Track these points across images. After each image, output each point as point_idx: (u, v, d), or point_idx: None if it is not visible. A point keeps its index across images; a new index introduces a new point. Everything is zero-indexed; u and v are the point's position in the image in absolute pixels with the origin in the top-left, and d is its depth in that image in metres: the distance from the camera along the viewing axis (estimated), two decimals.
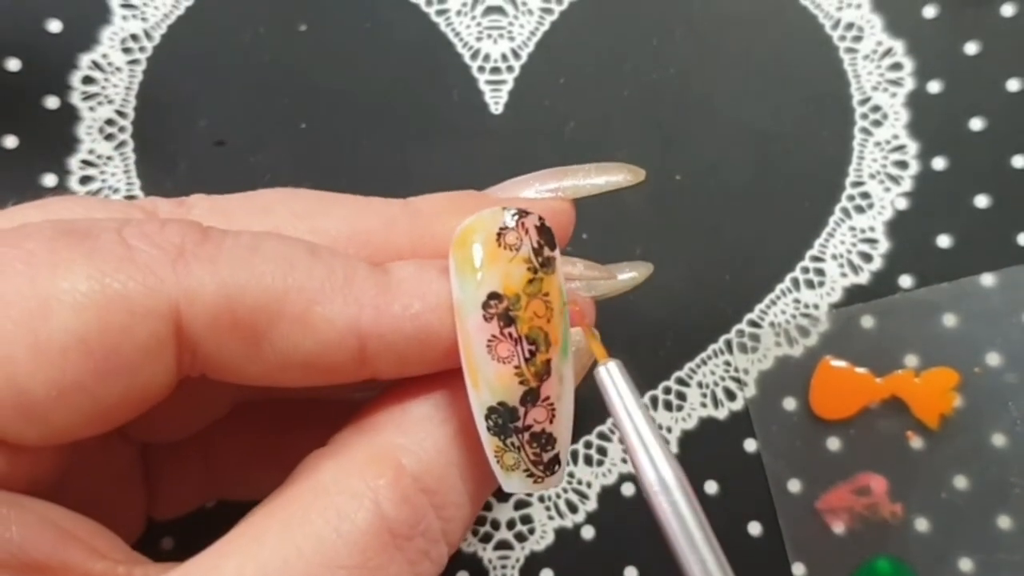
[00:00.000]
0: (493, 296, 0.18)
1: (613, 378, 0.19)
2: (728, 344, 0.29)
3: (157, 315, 0.16)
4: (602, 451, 0.29)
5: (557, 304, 0.18)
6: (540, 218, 0.18)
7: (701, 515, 0.18)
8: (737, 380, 0.29)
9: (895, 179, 0.30)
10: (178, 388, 0.20)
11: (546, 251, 0.18)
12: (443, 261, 0.19)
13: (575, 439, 0.29)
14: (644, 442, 0.19)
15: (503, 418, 0.18)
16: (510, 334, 0.18)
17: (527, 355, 0.18)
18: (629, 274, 0.23)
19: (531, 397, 0.18)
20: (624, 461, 0.29)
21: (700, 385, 0.29)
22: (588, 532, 0.29)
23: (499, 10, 0.30)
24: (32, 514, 0.17)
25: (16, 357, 0.16)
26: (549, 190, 0.21)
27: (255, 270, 0.17)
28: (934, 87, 0.30)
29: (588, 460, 0.29)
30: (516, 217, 0.18)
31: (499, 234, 0.18)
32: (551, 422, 0.18)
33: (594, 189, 0.21)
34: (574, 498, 0.29)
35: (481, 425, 0.18)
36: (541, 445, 0.18)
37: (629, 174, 0.22)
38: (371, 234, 0.20)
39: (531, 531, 0.29)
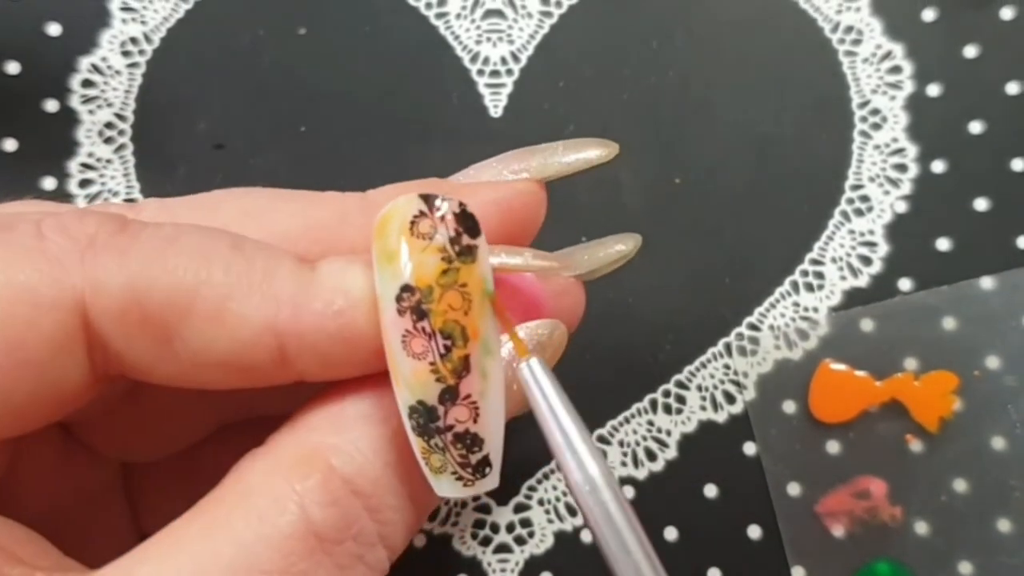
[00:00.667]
0: (405, 288, 0.17)
1: (535, 375, 0.18)
2: (727, 347, 0.29)
3: (62, 307, 0.16)
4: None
5: (477, 296, 0.17)
6: (460, 204, 0.17)
7: (632, 515, 0.17)
8: (736, 383, 0.29)
9: (894, 182, 0.30)
10: (152, 407, 0.20)
11: (465, 239, 0.17)
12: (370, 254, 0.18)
13: None
14: (569, 440, 0.17)
15: (423, 417, 0.17)
16: (423, 328, 0.17)
17: (442, 351, 0.17)
18: (617, 247, 0.21)
19: (449, 395, 0.17)
20: (623, 464, 0.29)
21: (699, 388, 0.29)
22: (588, 536, 0.29)
23: (498, 13, 0.30)
24: None
25: None
26: (514, 171, 0.20)
27: (167, 263, 0.16)
28: (933, 90, 0.30)
29: None
30: (431, 204, 0.17)
31: (412, 222, 0.17)
32: (475, 422, 0.17)
33: (564, 168, 0.20)
34: (573, 502, 0.29)
35: (407, 425, 0.17)
36: (467, 446, 0.17)
37: (602, 149, 0.20)
38: (324, 230, 0.19)
39: (531, 534, 0.29)
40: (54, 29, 0.30)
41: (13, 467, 0.19)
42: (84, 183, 0.30)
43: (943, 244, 0.29)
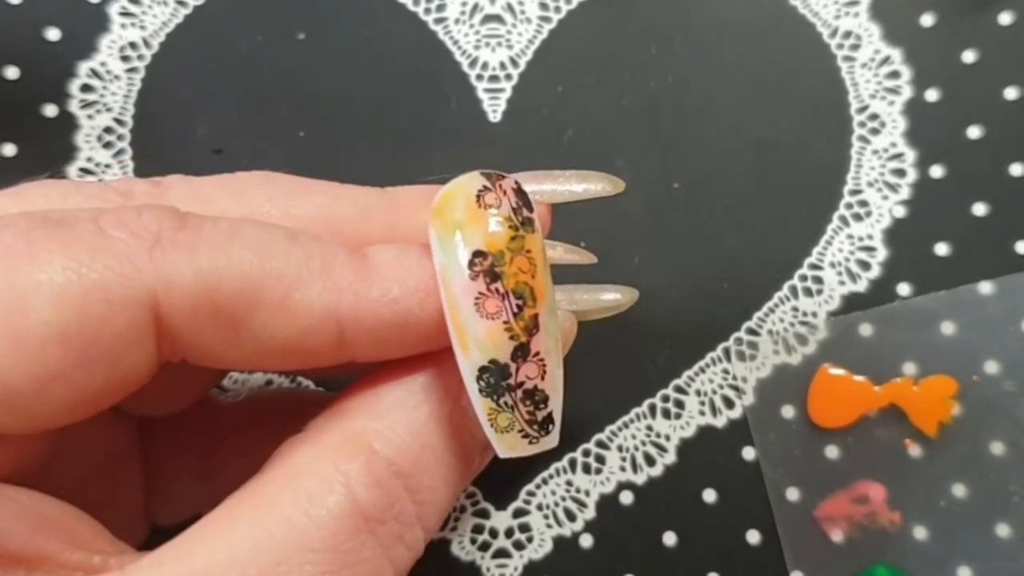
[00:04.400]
0: (478, 254, 0.18)
1: None
2: (726, 352, 0.29)
3: (135, 304, 0.16)
4: (600, 459, 0.29)
5: (540, 261, 0.18)
6: (516, 182, 0.19)
7: None
8: (735, 388, 0.29)
9: (893, 187, 0.30)
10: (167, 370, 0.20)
11: (524, 211, 0.18)
12: (423, 243, 0.19)
13: (573, 447, 0.29)
14: None
15: (495, 376, 0.18)
16: (496, 289, 0.18)
17: (515, 310, 0.18)
18: (614, 296, 0.23)
19: (521, 352, 0.18)
20: (622, 469, 0.29)
21: (698, 393, 0.29)
22: (586, 541, 0.29)
23: (497, 18, 0.31)
24: (10, 503, 0.17)
25: None
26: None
27: (233, 256, 0.17)
28: (932, 95, 0.30)
29: (586, 468, 0.29)
30: (492, 179, 0.18)
31: (478, 195, 0.18)
32: (543, 379, 0.18)
33: (571, 196, 0.22)
34: (572, 506, 0.29)
35: (472, 389, 0.18)
36: (535, 403, 0.18)
37: (608, 184, 0.22)
38: (344, 222, 0.20)
39: (529, 540, 0.29)
40: (53, 34, 0.30)
41: (58, 446, 0.19)
42: None
43: (942, 249, 0.29)
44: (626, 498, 0.29)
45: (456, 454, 0.19)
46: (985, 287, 0.29)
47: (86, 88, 0.30)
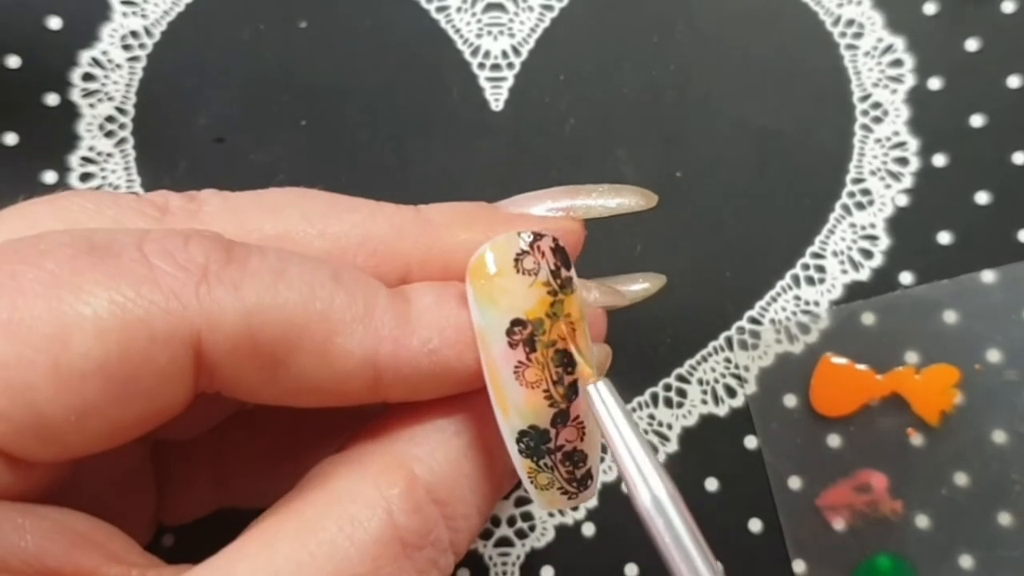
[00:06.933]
0: (516, 323, 0.18)
1: (603, 397, 0.19)
2: (729, 341, 0.29)
3: (178, 341, 0.16)
4: (601, 448, 0.29)
5: (579, 323, 0.18)
6: (554, 239, 0.18)
7: (697, 532, 0.18)
8: (738, 377, 0.29)
9: (896, 176, 0.30)
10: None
11: (563, 272, 0.18)
12: (462, 287, 0.19)
13: None
14: (636, 461, 0.18)
15: (535, 441, 0.18)
16: (537, 359, 0.18)
17: (555, 378, 0.18)
18: (641, 285, 0.23)
19: (561, 418, 0.18)
20: None
21: (701, 382, 0.29)
22: (588, 529, 0.29)
23: (499, 7, 0.30)
24: (47, 521, 0.17)
25: (36, 383, 0.15)
26: (561, 208, 0.21)
27: (279, 297, 0.17)
28: (935, 84, 0.30)
29: None
30: (531, 241, 0.18)
31: (516, 259, 0.18)
32: (582, 440, 0.19)
33: (605, 211, 0.21)
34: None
35: (512, 448, 0.18)
36: (574, 463, 0.19)
37: (642, 198, 0.22)
38: (380, 241, 0.20)
39: (532, 528, 0.29)
40: (55, 23, 0.30)
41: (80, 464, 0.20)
42: (85, 177, 0.30)
43: (944, 237, 0.29)
44: None
45: (490, 482, 0.19)
46: (987, 276, 0.29)
47: (88, 77, 0.30)
